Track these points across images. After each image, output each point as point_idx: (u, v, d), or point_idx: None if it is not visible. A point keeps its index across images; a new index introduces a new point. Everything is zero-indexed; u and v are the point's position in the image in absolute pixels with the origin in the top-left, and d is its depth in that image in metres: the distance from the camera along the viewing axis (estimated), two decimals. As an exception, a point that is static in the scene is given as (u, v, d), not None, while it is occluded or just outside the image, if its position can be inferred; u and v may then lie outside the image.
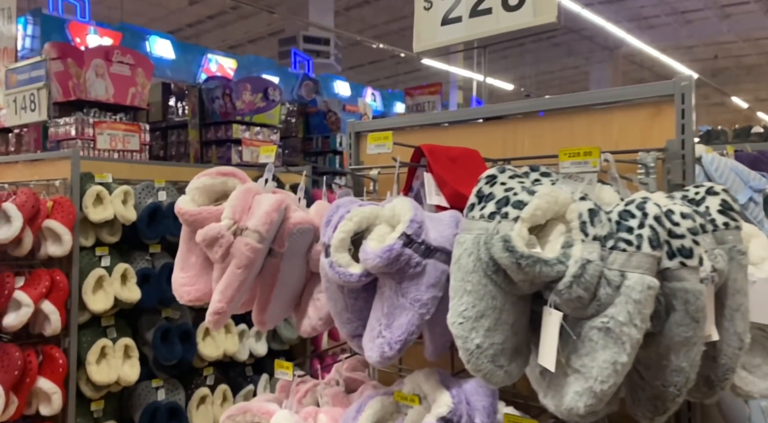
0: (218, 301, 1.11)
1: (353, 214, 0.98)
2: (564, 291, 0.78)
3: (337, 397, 1.27)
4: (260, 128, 8.21)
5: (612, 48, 16.72)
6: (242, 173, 1.21)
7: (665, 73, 17.96)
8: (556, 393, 0.81)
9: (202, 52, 8.55)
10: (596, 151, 0.82)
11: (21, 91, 2.58)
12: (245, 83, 7.97)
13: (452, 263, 0.86)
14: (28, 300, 2.16)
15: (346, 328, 1.07)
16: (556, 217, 0.81)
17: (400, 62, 17.53)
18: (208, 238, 1.08)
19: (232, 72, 8.96)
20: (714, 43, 15.80)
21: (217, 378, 2.84)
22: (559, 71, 19.45)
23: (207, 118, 8.15)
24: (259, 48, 14.02)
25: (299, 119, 9.48)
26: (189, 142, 8.35)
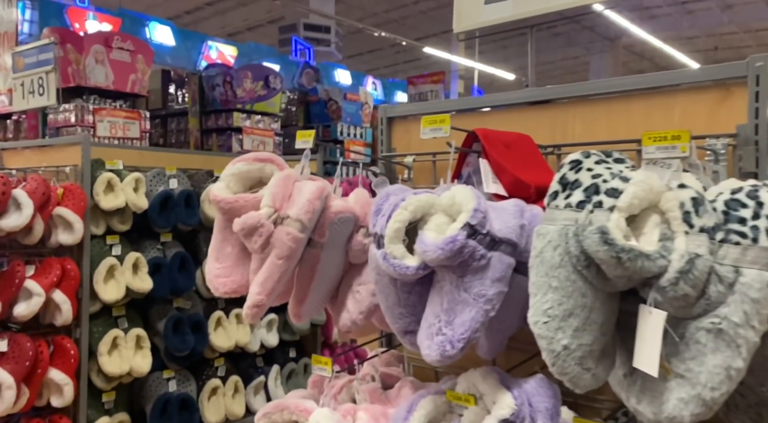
0: (258, 293, 1.06)
1: (408, 202, 0.92)
2: (668, 288, 0.72)
3: (375, 393, 1.22)
4: (261, 117, 8.13)
5: (612, 38, 16.64)
6: (280, 159, 1.16)
7: (665, 64, 17.91)
8: (653, 399, 0.76)
9: (203, 38, 8.43)
10: (686, 135, 0.77)
11: (29, 74, 2.50)
12: (246, 71, 7.87)
13: (533, 256, 0.81)
14: (39, 289, 2.11)
15: (398, 324, 1.01)
16: (648, 207, 0.76)
17: (400, 51, 17.37)
18: (247, 227, 1.03)
19: (233, 59, 8.85)
20: (714, 34, 15.74)
21: (228, 369, 2.80)
22: (560, 61, 19.36)
23: (207, 105, 8.06)
24: (258, 35, 13.86)
25: (300, 108, 9.39)
26: (189, 130, 8.26)
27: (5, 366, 2.05)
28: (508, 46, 17.17)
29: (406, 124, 1.50)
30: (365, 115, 9.63)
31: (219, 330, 2.73)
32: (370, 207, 1.15)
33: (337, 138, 8.99)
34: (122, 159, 2.50)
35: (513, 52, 17.13)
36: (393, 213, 0.93)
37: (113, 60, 6.34)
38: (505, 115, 1.30)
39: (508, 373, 1.02)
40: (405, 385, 1.23)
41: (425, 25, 15.59)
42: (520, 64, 16.92)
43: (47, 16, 6.49)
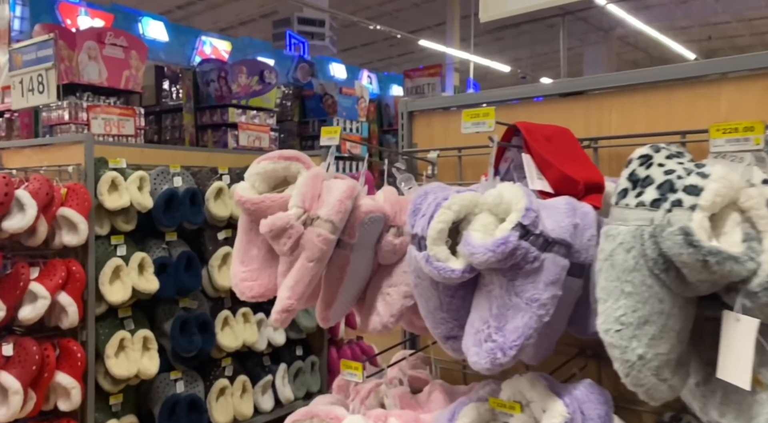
0: (287, 297, 1.02)
1: (452, 201, 0.88)
2: (761, 293, 0.68)
3: (404, 398, 1.19)
4: (256, 112, 8.07)
5: (606, 29, 16.63)
6: (306, 157, 1.11)
7: (660, 55, 17.92)
8: (739, 413, 0.71)
9: (196, 34, 8.34)
10: (760, 126, 0.73)
11: (28, 72, 2.43)
12: (241, 66, 7.79)
13: (601, 259, 0.76)
14: (44, 292, 2.06)
15: (440, 329, 0.97)
16: (728, 205, 0.71)
17: (394, 44, 17.28)
18: (276, 228, 0.98)
19: (227, 54, 8.76)
20: (708, 24, 15.75)
21: (235, 369, 2.76)
22: (553, 53, 19.32)
23: (202, 101, 7.98)
24: (251, 30, 13.73)
25: (295, 103, 9.32)
26: (184, 127, 8.18)
27: (11, 370, 2.00)
28: (503, 37, 17.12)
29: (428, 118, 1.46)
30: (361, 109, 9.57)
31: (226, 329, 2.69)
32: (400, 205, 1.11)
33: (333, 133, 8.93)
34: (123, 157, 2.44)
35: (507, 45, 17.09)
36: (435, 213, 0.88)
37: (106, 56, 6.24)
38: (535, 107, 1.26)
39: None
40: (435, 389, 1.19)
41: (419, 18, 15.50)
42: (515, 55, 16.88)
43: (38, 13, 6.38)
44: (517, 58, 16.79)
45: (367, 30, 15.13)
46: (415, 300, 1.02)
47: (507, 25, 16.05)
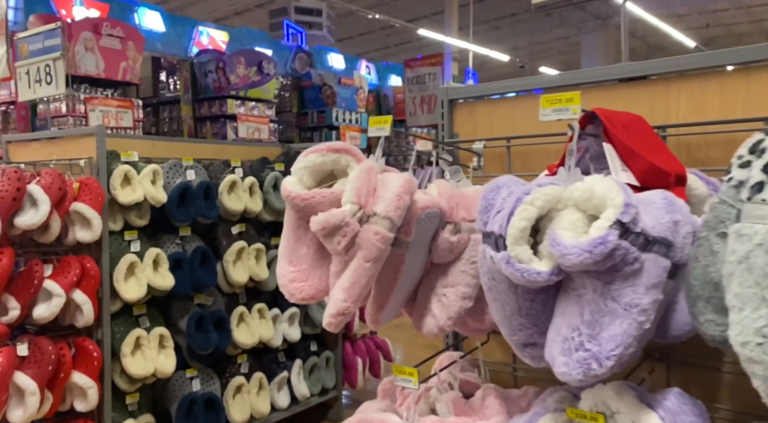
0: (343, 300, 0.95)
1: (536, 196, 0.80)
2: None
3: (458, 403, 1.13)
4: (255, 103, 7.97)
5: (604, 17, 16.54)
6: (356, 149, 1.04)
7: (658, 43, 17.85)
8: None
9: (193, 24, 8.19)
10: None
11: (35, 62, 2.34)
12: (239, 56, 7.68)
13: (733, 262, 0.69)
14: (59, 290, 1.99)
15: (518, 336, 0.91)
16: None
17: (391, 34, 17.14)
18: (329, 226, 0.92)
19: (224, 45, 8.63)
20: (706, 12, 15.69)
21: (251, 365, 2.71)
22: (550, 42, 19.24)
23: (200, 93, 7.88)
24: (246, 20, 13.54)
25: (293, 93, 9.22)
26: (182, 118, 8.08)
27: (27, 371, 1.94)
28: (500, 26, 17.00)
29: (471, 107, 1.40)
30: (360, 99, 9.48)
31: (242, 326, 2.63)
32: (456, 200, 1.05)
33: (332, 124, 8.85)
34: (133, 150, 2.37)
35: (506, 33, 16.97)
36: (515, 209, 0.81)
37: (103, 47, 6.12)
38: (593, 93, 1.19)
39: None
40: (489, 394, 1.14)
41: (416, 7, 15.35)
42: (513, 44, 16.78)
43: (32, 3, 6.24)
44: (515, 47, 16.69)
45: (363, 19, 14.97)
46: (473, 302, 0.96)
47: (504, 14, 15.94)
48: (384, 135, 1.08)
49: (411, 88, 8.58)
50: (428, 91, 8.38)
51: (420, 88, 8.50)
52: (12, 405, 1.93)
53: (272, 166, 2.85)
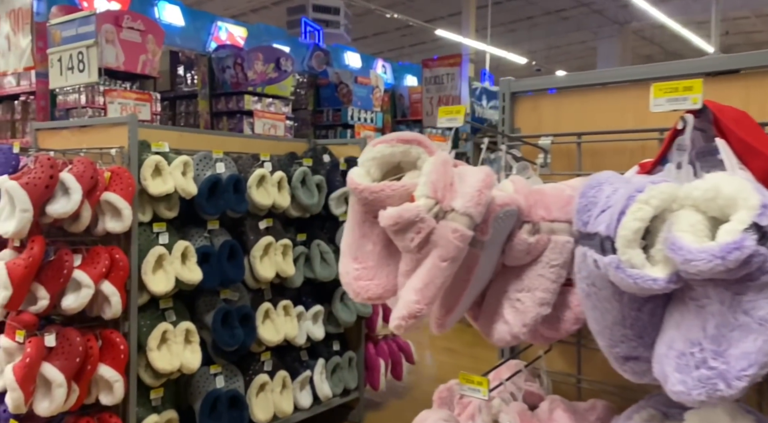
0: (416, 302, 0.89)
1: (651, 194, 0.73)
2: None
3: (524, 416, 1.07)
4: (272, 100, 7.96)
5: (622, 22, 16.42)
6: (427, 140, 0.98)
7: (675, 50, 17.70)
8: None
9: (212, 19, 8.18)
10: None
11: (67, 49, 2.30)
12: (257, 53, 7.66)
13: None
14: (88, 280, 1.95)
15: (619, 348, 0.83)
16: None
17: (406, 34, 17.10)
18: (403, 222, 0.86)
19: (243, 41, 8.60)
20: (726, 19, 15.55)
21: (274, 363, 2.67)
22: (566, 46, 19.16)
23: (217, 88, 7.88)
24: (263, 17, 13.55)
25: (309, 91, 9.20)
26: (198, 113, 8.08)
27: (54, 362, 1.90)
28: (516, 29, 16.93)
29: (535, 100, 1.34)
30: (376, 98, 9.44)
31: (267, 323, 2.59)
32: (534, 198, 0.99)
33: (347, 122, 8.83)
34: (162, 141, 2.33)
35: (521, 36, 16.89)
36: (626, 208, 0.74)
37: (123, 40, 6.11)
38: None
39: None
40: (557, 407, 1.07)
41: (432, 8, 15.31)
42: (529, 47, 16.69)
43: (55, -6, 6.23)
44: (530, 50, 16.61)
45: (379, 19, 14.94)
46: (550, 309, 0.89)
47: (521, 17, 15.86)
48: (456, 126, 1.03)
49: (428, 88, 8.52)
50: (446, 92, 8.32)
51: (438, 89, 8.45)
52: (38, 396, 1.90)
53: (300, 162, 2.80)
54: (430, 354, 4.43)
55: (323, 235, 2.88)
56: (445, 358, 4.37)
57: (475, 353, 4.36)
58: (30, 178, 1.84)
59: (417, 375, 3.74)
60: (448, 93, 8.27)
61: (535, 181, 1.10)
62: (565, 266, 0.98)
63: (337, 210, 2.88)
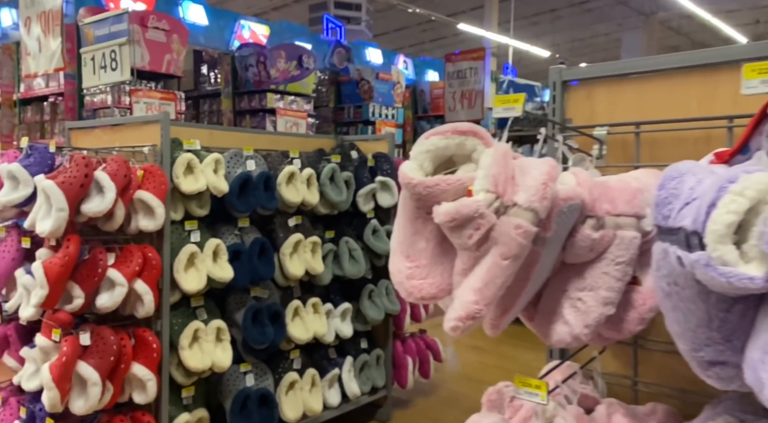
0: (474, 302, 0.84)
1: (745, 185, 0.67)
2: None
3: (581, 421, 1.02)
4: (294, 97, 7.96)
5: (647, 13, 16.08)
6: (483, 131, 0.93)
7: (703, 41, 17.26)
8: None
9: (235, 17, 8.20)
10: None
11: (100, 48, 2.30)
12: (279, 50, 7.66)
13: None
14: (122, 279, 1.95)
15: (704, 352, 0.77)
16: None
17: (426, 29, 17.01)
18: (460, 217, 0.81)
19: (265, 39, 8.62)
20: (756, 8, 15.11)
21: (303, 361, 2.65)
22: (589, 39, 18.85)
23: (240, 86, 7.92)
24: (284, 15, 13.60)
25: (330, 88, 9.20)
26: (222, 112, 8.14)
27: (89, 361, 1.91)
28: (539, 22, 16.70)
29: (589, 89, 1.28)
30: (397, 95, 9.39)
31: (296, 320, 2.57)
32: (599, 191, 0.93)
33: (368, 119, 8.80)
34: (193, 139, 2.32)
35: (544, 29, 16.66)
36: (717, 200, 0.68)
37: (149, 40, 6.16)
38: (723, 75, 1.06)
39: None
40: (616, 411, 1.02)
41: (454, 2, 15.17)
42: (553, 40, 16.45)
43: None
44: (553, 43, 16.37)
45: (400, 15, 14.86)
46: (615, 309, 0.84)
47: (544, 10, 15.63)
48: (514, 115, 0.97)
49: (451, 82, 8.43)
50: (469, 86, 8.23)
51: (460, 83, 8.35)
52: (74, 395, 1.91)
53: (328, 158, 2.77)
54: (456, 351, 4.38)
55: (351, 232, 2.85)
56: (471, 356, 4.31)
57: (502, 351, 4.30)
58: (66, 177, 1.84)
59: (444, 373, 3.69)
60: (472, 87, 8.17)
61: (594, 174, 1.04)
62: (631, 263, 0.92)
63: (365, 207, 2.85)
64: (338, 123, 9.35)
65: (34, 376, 2.00)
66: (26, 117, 6.27)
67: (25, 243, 2.04)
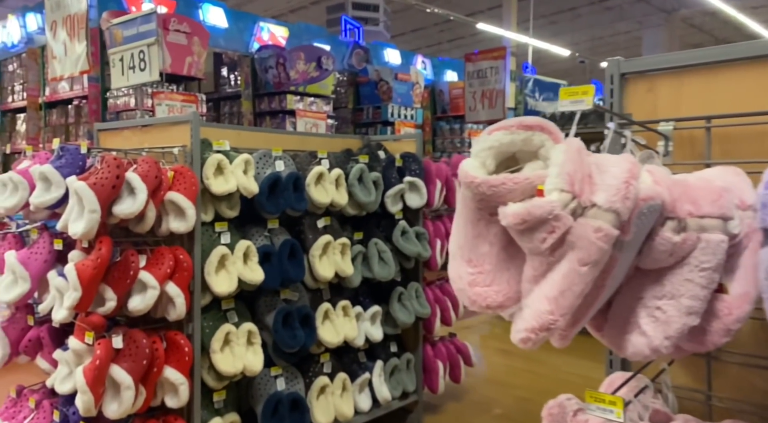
0: (549, 312, 0.78)
1: None
2: None
3: None
4: (314, 99, 7.97)
5: (669, 11, 15.83)
6: (552, 126, 0.87)
7: (726, 38, 16.94)
8: None
9: (255, 20, 8.22)
10: None
11: (128, 48, 2.29)
12: (299, 52, 7.67)
13: None
14: (153, 281, 1.93)
15: None
16: None
17: (444, 30, 16.97)
18: (532, 219, 0.75)
19: (284, 41, 8.63)
20: (783, 4, 14.80)
21: (333, 365, 2.60)
22: (609, 37, 18.64)
23: (260, 88, 7.94)
24: (301, 17, 13.66)
25: (349, 89, 9.18)
26: (242, 113, 8.17)
27: (122, 364, 1.88)
28: (558, 21, 16.55)
29: (651, 81, 1.21)
30: (416, 95, 9.35)
31: (326, 323, 2.52)
32: (679, 190, 0.87)
33: (387, 120, 8.76)
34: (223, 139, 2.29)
35: (563, 28, 16.51)
36: None
37: (170, 43, 6.18)
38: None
39: None
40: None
41: (471, 3, 15.11)
42: (572, 39, 16.29)
43: (105, 0, 6.37)
44: (572, 42, 16.21)
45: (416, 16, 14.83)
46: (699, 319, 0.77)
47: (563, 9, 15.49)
48: (583, 108, 0.91)
49: (471, 82, 8.34)
50: (490, 86, 8.13)
51: (481, 83, 8.26)
52: (107, 398, 1.88)
53: (356, 158, 2.73)
54: (483, 355, 4.30)
55: (380, 234, 2.80)
56: (499, 360, 4.24)
57: (531, 354, 4.21)
58: (97, 179, 1.82)
59: (473, 377, 3.62)
60: (492, 87, 8.08)
61: (665, 172, 0.98)
62: (718, 269, 0.86)
63: (393, 208, 2.79)
64: (357, 124, 9.34)
65: (67, 379, 1.98)
66: (51, 120, 6.35)
67: (57, 245, 2.02)
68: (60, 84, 6.03)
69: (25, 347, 2.13)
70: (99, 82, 5.80)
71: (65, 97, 6.10)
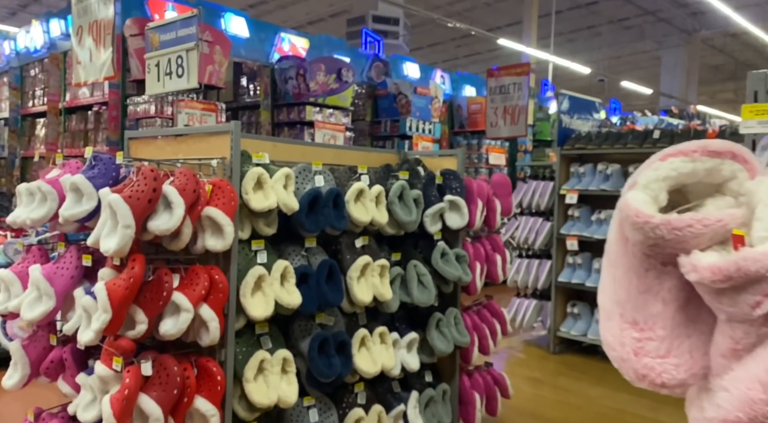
0: (765, 402, 0.59)
1: None
2: None
3: None
4: (333, 110, 7.89)
5: (690, 31, 15.73)
6: (746, 152, 0.68)
7: (747, 59, 16.79)
8: None
9: (276, 30, 8.17)
10: None
11: (165, 53, 2.17)
12: (319, 64, 7.60)
13: None
14: (187, 304, 1.77)
15: None
16: None
17: (461, 45, 16.96)
18: (743, 277, 0.56)
19: (305, 52, 8.57)
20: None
21: (368, 396, 2.43)
22: (628, 56, 18.57)
23: (279, 99, 7.87)
24: (320, 29, 13.67)
25: (367, 102, 9.10)
26: (260, 124, 8.10)
27: (151, 393, 1.73)
28: (576, 39, 16.49)
29: None
30: (435, 109, 9.24)
31: (362, 351, 2.36)
32: None
33: (405, 133, 8.66)
34: (264, 151, 2.15)
35: (581, 46, 16.44)
36: None
37: (192, 51, 6.11)
38: None
39: None
40: None
41: (490, 19, 15.09)
42: (589, 57, 16.21)
43: (129, 7, 6.33)
44: (590, 60, 16.12)
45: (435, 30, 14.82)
46: None
47: (581, 27, 15.42)
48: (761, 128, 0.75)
49: (493, 97, 8.22)
50: (512, 102, 8.00)
51: (503, 99, 8.14)
52: (133, 431, 1.72)
53: (396, 175, 2.58)
54: (512, 383, 4.11)
55: (418, 255, 2.64)
56: (528, 389, 4.03)
57: (561, 384, 4.01)
58: (133, 191, 1.68)
59: (506, 408, 3.42)
60: (515, 103, 7.95)
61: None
62: None
63: (432, 227, 2.64)
64: (374, 137, 9.24)
65: (90, 406, 1.83)
66: (71, 125, 6.28)
67: (86, 261, 1.88)
68: (80, 90, 5.97)
69: (46, 369, 1.98)
70: (120, 88, 5.72)
71: (85, 103, 6.03)
